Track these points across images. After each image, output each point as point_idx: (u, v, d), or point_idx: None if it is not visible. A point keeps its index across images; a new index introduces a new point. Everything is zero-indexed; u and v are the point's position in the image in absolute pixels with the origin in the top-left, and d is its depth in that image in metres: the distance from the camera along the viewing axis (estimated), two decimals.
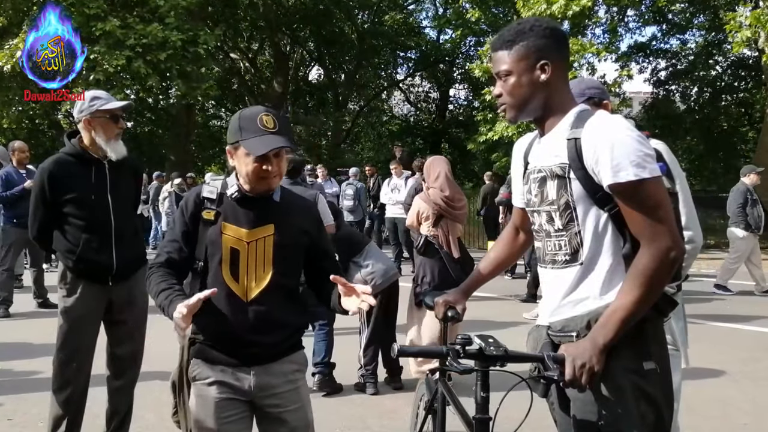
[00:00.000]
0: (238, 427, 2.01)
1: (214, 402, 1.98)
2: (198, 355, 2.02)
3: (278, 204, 2.06)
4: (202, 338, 2.00)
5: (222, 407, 1.98)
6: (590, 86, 2.64)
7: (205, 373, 2.00)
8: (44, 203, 3.00)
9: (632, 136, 1.61)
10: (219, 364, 1.99)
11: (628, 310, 1.58)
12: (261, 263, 1.99)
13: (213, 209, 2.00)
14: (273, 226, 2.00)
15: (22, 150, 6.91)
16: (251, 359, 2.00)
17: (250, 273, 1.98)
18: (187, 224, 2.02)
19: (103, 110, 2.99)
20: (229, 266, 1.97)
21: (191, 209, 2.03)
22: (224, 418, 1.98)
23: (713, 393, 4.37)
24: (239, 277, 1.97)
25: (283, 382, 2.03)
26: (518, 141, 2.00)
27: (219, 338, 1.99)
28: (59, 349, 3.06)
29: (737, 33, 11.44)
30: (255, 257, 1.98)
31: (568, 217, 1.71)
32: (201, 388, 2.00)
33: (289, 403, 2.04)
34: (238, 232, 1.98)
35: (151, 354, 3.39)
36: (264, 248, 1.99)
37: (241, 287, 1.98)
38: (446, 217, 4.44)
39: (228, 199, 2.03)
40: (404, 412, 3.56)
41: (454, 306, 2.13)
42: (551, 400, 1.85)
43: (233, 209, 2.00)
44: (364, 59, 25.40)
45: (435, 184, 4.49)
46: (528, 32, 1.72)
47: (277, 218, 2.02)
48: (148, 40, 14.03)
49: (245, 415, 2.03)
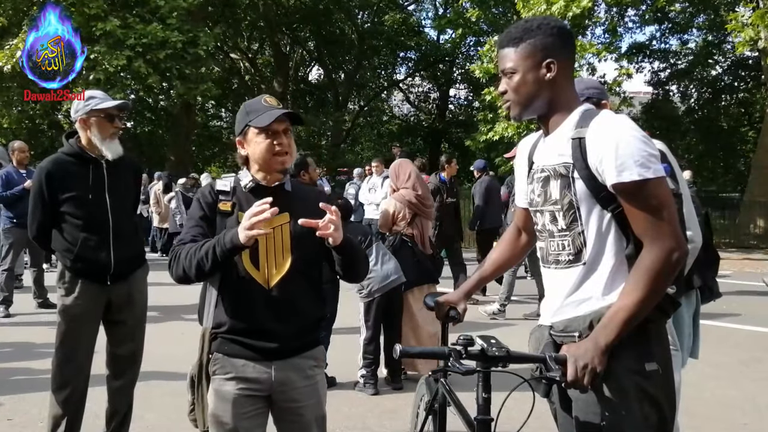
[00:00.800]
0: (254, 423, 2.04)
1: (233, 397, 2.00)
2: (219, 349, 2.04)
3: (290, 193, 2.12)
4: (224, 332, 2.03)
5: (240, 403, 2.00)
6: (589, 86, 2.65)
7: (225, 368, 2.02)
8: (42, 203, 3.00)
9: (637, 136, 1.61)
10: (240, 358, 2.02)
11: (630, 310, 1.58)
12: (280, 250, 2.03)
13: (229, 200, 2.06)
14: (288, 214, 2.03)
15: (22, 150, 6.91)
16: (272, 353, 2.02)
17: (270, 260, 2.02)
18: (205, 211, 2.07)
19: (97, 110, 2.98)
20: (249, 255, 2.00)
21: (208, 199, 2.08)
22: (242, 414, 2.00)
23: (713, 393, 4.37)
24: (260, 265, 2.01)
25: (302, 377, 2.07)
26: (523, 140, 1.99)
27: (241, 328, 2.01)
28: (58, 349, 3.06)
29: (740, 33, 11.43)
30: (273, 245, 2.03)
31: (572, 216, 1.70)
32: (220, 383, 2.03)
33: (306, 398, 2.08)
34: None
35: (152, 354, 3.40)
36: (282, 236, 2.04)
37: (262, 274, 2.01)
38: (420, 215, 4.63)
39: (242, 191, 2.08)
40: (404, 412, 3.56)
41: (455, 306, 2.12)
42: (553, 400, 1.84)
43: (248, 200, 2.04)
44: (364, 59, 25.42)
45: (407, 184, 4.69)
46: (535, 30, 1.72)
47: (292, 207, 2.05)
48: (148, 40, 14.03)
49: (262, 411, 2.07)
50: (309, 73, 28.89)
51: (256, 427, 2.05)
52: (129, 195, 3.24)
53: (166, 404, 4.05)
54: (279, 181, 2.10)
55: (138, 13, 14.74)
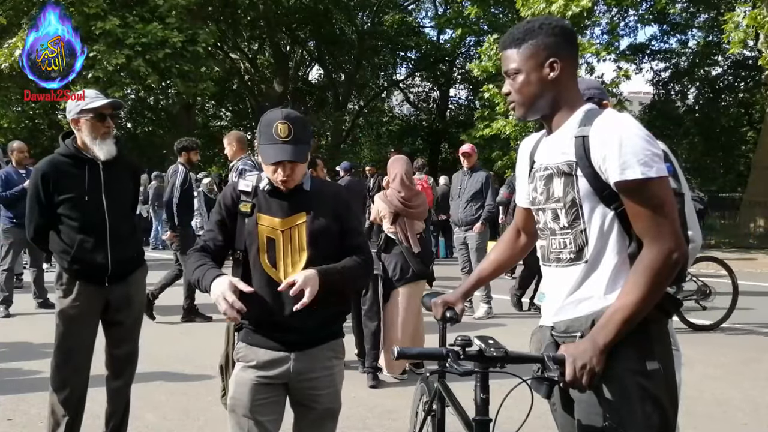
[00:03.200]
0: (270, 409, 2.13)
1: (251, 384, 2.10)
2: (243, 338, 2.15)
3: (309, 193, 2.19)
4: (247, 323, 2.13)
5: (257, 390, 2.10)
6: (590, 86, 2.65)
7: (247, 356, 2.13)
8: (39, 204, 2.98)
9: (641, 135, 1.60)
10: (261, 348, 2.12)
11: (629, 310, 1.57)
12: (296, 249, 2.12)
13: (249, 202, 2.15)
14: (305, 214, 2.13)
15: (21, 150, 6.92)
16: (292, 344, 2.11)
17: (286, 258, 2.11)
18: (223, 215, 2.18)
19: (87, 109, 2.96)
20: (266, 254, 2.11)
21: (228, 203, 2.18)
22: (258, 400, 2.10)
23: (713, 393, 4.37)
24: (277, 264, 2.10)
25: (320, 368, 2.15)
26: (525, 140, 1.99)
27: (262, 323, 2.12)
28: (56, 350, 3.06)
29: (732, 34, 11.44)
30: (290, 244, 2.11)
31: (574, 214, 1.70)
32: (241, 369, 2.14)
33: (323, 387, 2.17)
34: (272, 222, 2.12)
35: (152, 354, 3.42)
36: (298, 235, 2.12)
37: (279, 273, 2.10)
38: (403, 216, 4.72)
39: (262, 192, 2.16)
40: (404, 413, 3.56)
41: (452, 306, 2.12)
42: (552, 401, 1.84)
43: (266, 201, 2.15)
44: (364, 59, 25.40)
45: (393, 184, 4.81)
46: (537, 30, 1.72)
47: (309, 206, 2.15)
48: (148, 39, 14.03)
49: (279, 399, 2.16)
50: (309, 73, 28.89)
51: (271, 414, 2.14)
52: (127, 195, 3.21)
53: (166, 404, 4.05)
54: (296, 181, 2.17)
55: (137, 13, 14.75)
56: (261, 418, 2.10)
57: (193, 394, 4.28)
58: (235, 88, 25.68)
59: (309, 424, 2.21)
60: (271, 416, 2.13)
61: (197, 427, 3.73)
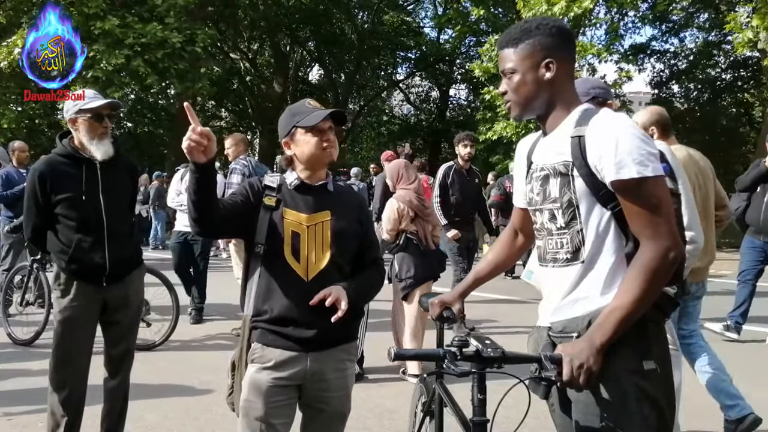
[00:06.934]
0: (284, 412, 2.13)
1: (267, 386, 2.09)
2: (259, 339, 2.13)
3: (332, 193, 2.23)
4: (263, 320, 2.12)
5: (273, 392, 2.09)
6: (595, 86, 2.66)
7: (263, 357, 2.11)
8: (36, 204, 2.98)
9: (636, 135, 1.61)
10: (278, 348, 2.10)
11: (626, 309, 1.58)
12: (320, 245, 2.14)
13: (274, 196, 2.17)
14: (329, 212, 2.17)
15: (22, 150, 6.92)
16: (309, 343, 2.10)
17: (310, 253, 2.12)
18: (249, 194, 2.16)
19: (85, 109, 2.96)
20: (290, 248, 2.12)
21: (255, 189, 2.18)
22: (272, 403, 2.09)
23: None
24: (300, 258, 2.12)
25: (333, 369, 2.16)
26: (521, 141, 1.99)
27: (279, 318, 2.09)
28: (55, 350, 3.05)
29: (738, 34, 11.41)
30: (314, 239, 2.14)
31: (571, 214, 1.70)
32: (257, 371, 2.11)
33: (335, 389, 2.17)
34: (298, 217, 2.14)
35: (152, 354, 3.42)
36: (322, 232, 2.15)
37: (302, 267, 2.11)
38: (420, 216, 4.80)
39: (287, 188, 2.19)
40: (404, 412, 3.56)
41: (449, 307, 2.12)
42: (551, 401, 1.84)
43: (293, 197, 2.17)
44: (364, 59, 25.42)
45: (412, 186, 4.85)
46: (534, 30, 1.72)
47: (333, 206, 2.20)
48: (147, 40, 14.04)
49: (292, 401, 2.16)
50: (309, 73, 28.90)
51: (284, 417, 2.13)
52: (125, 195, 3.20)
53: (166, 404, 4.05)
54: (322, 180, 2.21)
55: (137, 13, 14.76)
56: (274, 421, 2.09)
57: (193, 394, 4.29)
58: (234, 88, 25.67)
59: (318, 426, 2.21)
60: (284, 419, 2.12)
61: (197, 427, 3.73)
